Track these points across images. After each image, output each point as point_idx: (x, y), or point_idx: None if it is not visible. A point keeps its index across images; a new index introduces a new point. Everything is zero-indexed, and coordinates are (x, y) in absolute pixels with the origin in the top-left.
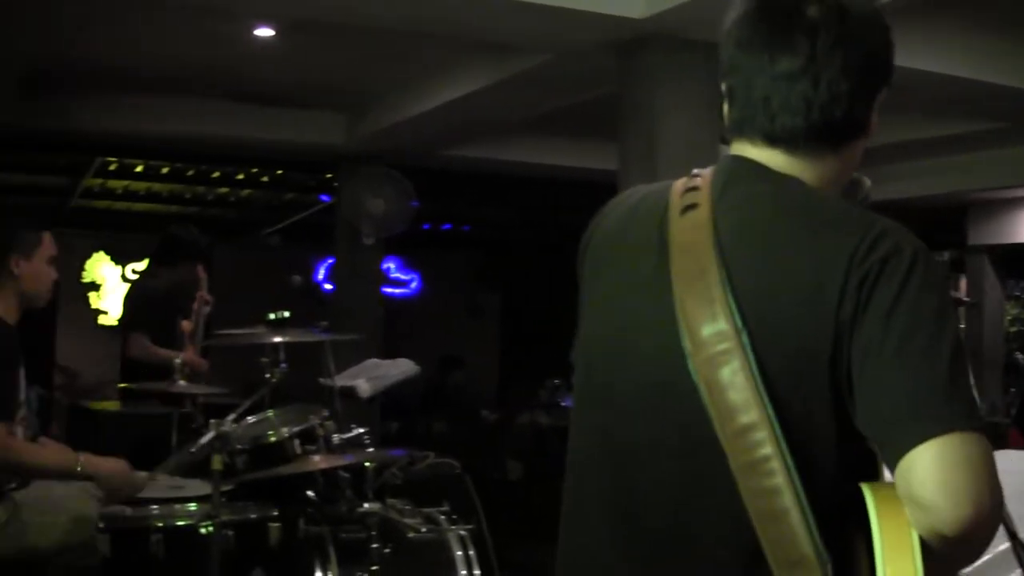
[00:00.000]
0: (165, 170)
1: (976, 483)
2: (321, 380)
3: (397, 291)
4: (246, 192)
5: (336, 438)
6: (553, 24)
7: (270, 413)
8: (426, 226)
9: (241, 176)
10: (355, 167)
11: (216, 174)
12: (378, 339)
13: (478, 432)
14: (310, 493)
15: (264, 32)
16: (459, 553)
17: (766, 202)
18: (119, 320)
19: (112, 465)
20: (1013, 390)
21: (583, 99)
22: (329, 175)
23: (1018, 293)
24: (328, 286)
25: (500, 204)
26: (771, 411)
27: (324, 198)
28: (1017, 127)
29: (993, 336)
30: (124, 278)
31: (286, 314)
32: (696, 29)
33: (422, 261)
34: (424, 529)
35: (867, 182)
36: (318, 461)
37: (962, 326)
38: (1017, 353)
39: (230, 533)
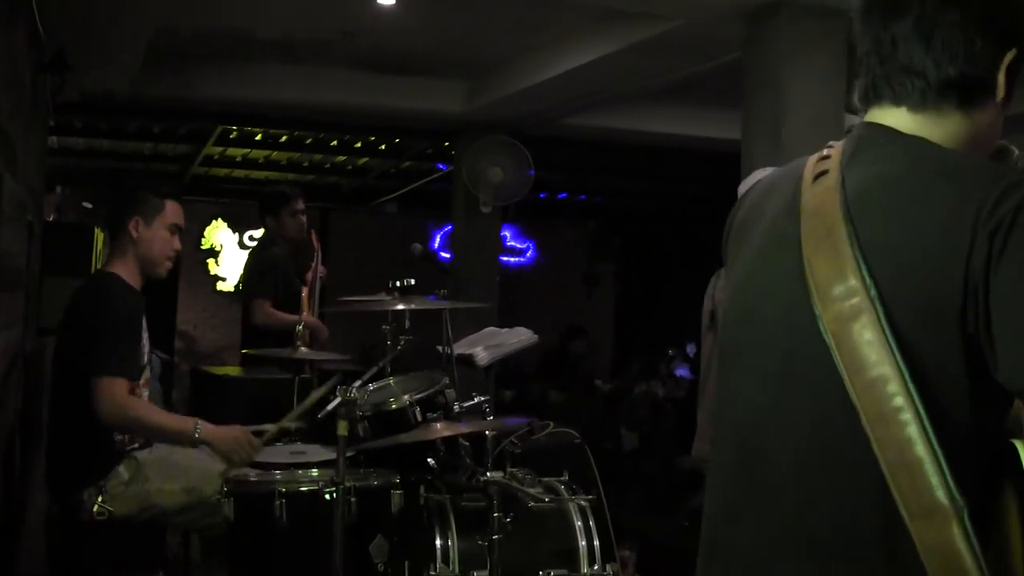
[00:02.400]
0: (284, 138)
1: None
2: (439, 348)
3: (512, 259)
4: (363, 160)
5: (457, 406)
6: None
7: (391, 380)
8: (542, 195)
9: (359, 144)
10: (473, 135)
11: (334, 142)
12: (495, 307)
13: (593, 402)
14: (430, 461)
15: (386, 0)
16: (579, 523)
17: (892, 161)
18: (240, 287)
19: (227, 433)
20: None
21: (707, 68)
22: (447, 143)
23: None
24: (445, 254)
25: (617, 173)
26: (903, 363)
27: (441, 166)
28: None
29: None
30: (241, 245)
31: (411, 281)
32: None
33: (537, 230)
34: (546, 499)
35: (1015, 151)
36: (439, 429)
37: None
38: None
39: (352, 499)
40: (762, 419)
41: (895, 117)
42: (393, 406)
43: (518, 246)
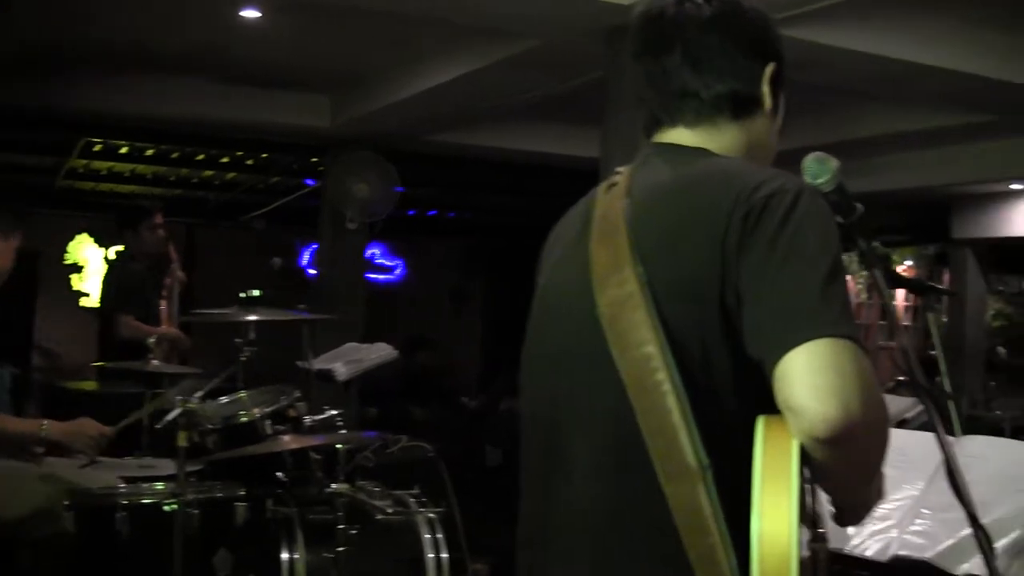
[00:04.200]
0: (150, 152)
1: (844, 385)
2: (298, 363)
3: (382, 277)
4: (231, 175)
5: (308, 420)
6: (542, 8)
7: (243, 394)
8: (411, 212)
9: (226, 159)
10: (341, 151)
11: (201, 156)
12: (361, 325)
13: (458, 418)
14: (279, 474)
15: (250, 13)
16: (427, 536)
17: (670, 168)
18: (101, 302)
19: (74, 427)
20: (993, 384)
21: (571, 86)
22: (315, 159)
23: (1001, 288)
24: (312, 271)
25: (486, 191)
26: (665, 343)
27: (309, 182)
28: (1002, 120)
29: (975, 331)
30: (106, 260)
31: (256, 293)
32: None
33: (407, 248)
34: (392, 511)
35: (833, 162)
36: (288, 441)
37: (944, 319)
38: (999, 348)
39: (195, 512)
40: (558, 405)
41: (675, 136)
42: (243, 419)
43: (387, 263)
